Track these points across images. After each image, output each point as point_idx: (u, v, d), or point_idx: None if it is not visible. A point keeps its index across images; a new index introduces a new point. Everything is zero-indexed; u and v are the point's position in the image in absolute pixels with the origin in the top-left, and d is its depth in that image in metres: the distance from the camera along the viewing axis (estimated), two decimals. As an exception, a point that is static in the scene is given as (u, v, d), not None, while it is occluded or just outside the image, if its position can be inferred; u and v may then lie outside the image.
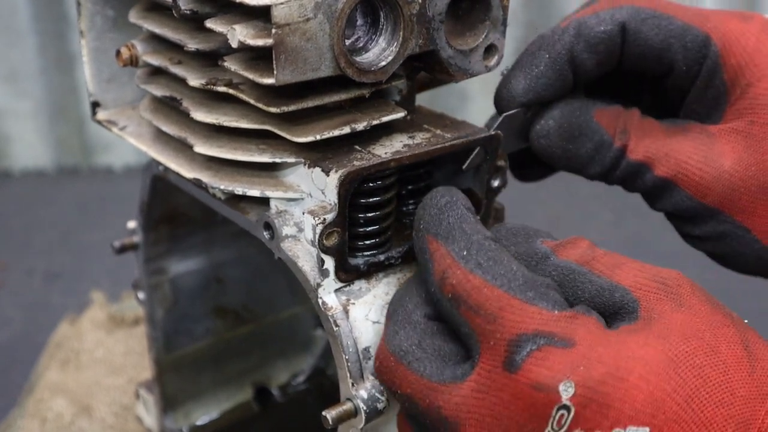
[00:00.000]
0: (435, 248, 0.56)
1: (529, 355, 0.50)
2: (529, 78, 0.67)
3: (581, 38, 0.66)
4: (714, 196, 0.67)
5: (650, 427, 0.46)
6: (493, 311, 0.52)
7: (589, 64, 0.67)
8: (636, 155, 0.68)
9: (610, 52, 0.67)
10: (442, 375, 0.54)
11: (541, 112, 0.69)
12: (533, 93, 0.67)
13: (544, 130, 0.68)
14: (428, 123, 0.68)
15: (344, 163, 0.61)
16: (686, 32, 0.66)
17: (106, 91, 0.79)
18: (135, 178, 0.84)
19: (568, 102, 0.69)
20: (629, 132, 0.69)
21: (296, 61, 0.56)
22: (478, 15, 0.64)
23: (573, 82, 0.68)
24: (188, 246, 0.90)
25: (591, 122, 0.68)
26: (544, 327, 0.50)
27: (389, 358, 0.57)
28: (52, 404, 1.05)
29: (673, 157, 0.68)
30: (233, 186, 0.64)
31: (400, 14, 0.59)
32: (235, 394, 1.00)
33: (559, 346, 0.50)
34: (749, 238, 0.67)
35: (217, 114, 0.64)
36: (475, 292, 0.53)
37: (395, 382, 0.56)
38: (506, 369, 0.51)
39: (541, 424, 0.49)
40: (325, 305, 0.62)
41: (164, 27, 0.68)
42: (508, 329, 0.51)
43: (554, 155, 0.69)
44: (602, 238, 1.69)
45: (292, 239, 0.63)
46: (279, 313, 1.02)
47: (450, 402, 0.53)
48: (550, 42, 0.67)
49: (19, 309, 1.49)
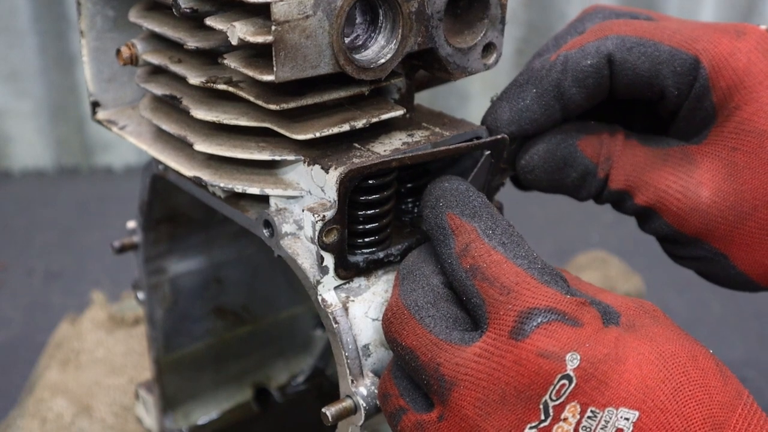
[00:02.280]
0: (458, 224, 0.58)
1: (539, 326, 0.52)
2: (514, 110, 0.68)
3: (568, 73, 0.67)
4: (692, 226, 0.68)
5: (639, 411, 0.49)
6: (508, 284, 0.54)
7: (578, 98, 0.67)
8: (617, 184, 0.70)
9: (598, 85, 0.67)
10: (450, 335, 0.55)
11: (526, 146, 0.70)
12: (516, 126, 0.68)
13: (530, 166, 0.70)
14: (427, 121, 0.68)
15: (344, 160, 0.62)
16: (674, 57, 0.66)
17: (106, 91, 0.79)
18: (135, 177, 0.84)
19: (553, 134, 0.69)
20: (612, 160, 0.70)
21: (296, 58, 0.56)
22: (477, 13, 0.64)
23: (561, 115, 0.68)
24: (188, 246, 0.90)
25: (576, 153, 0.69)
26: (557, 305, 0.53)
27: (403, 310, 0.58)
28: (52, 404, 1.05)
29: (652, 186, 0.69)
30: (233, 184, 0.64)
31: (399, 12, 0.59)
32: (234, 395, 1.01)
33: (569, 324, 0.52)
34: (726, 263, 0.70)
35: (217, 112, 0.64)
36: (494, 265, 0.55)
37: (402, 333, 0.57)
38: (512, 337, 0.52)
39: (540, 392, 0.51)
40: (325, 302, 0.62)
41: (164, 26, 0.68)
42: (520, 302, 0.53)
43: (542, 186, 0.71)
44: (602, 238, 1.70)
45: (291, 237, 0.63)
46: (278, 314, 1.02)
47: (450, 361, 0.54)
48: (538, 76, 0.68)
49: (19, 309, 1.49)
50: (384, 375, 0.60)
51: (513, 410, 0.52)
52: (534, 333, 0.52)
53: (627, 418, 0.49)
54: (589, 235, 1.73)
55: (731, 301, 1.48)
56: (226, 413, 1.00)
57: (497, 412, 0.52)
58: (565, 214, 1.78)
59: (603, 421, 0.49)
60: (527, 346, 0.52)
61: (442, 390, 0.54)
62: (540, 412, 0.51)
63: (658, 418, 0.49)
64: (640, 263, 1.39)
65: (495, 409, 0.52)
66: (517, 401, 0.51)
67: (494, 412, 0.52)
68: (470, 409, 0.53)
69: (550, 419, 0.50)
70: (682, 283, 1.51)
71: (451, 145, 0.64)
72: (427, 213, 0.61)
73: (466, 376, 0.53)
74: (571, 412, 0.50)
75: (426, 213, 0.61)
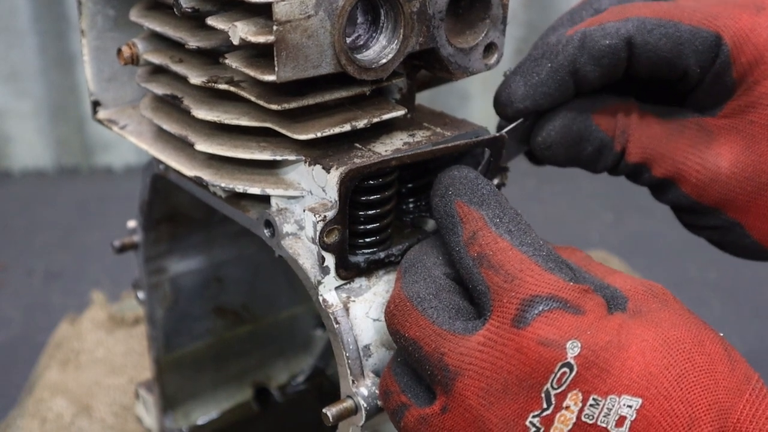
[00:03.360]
0: (466, 212, 0.58)
1: (540, 314, 0.52)
2: (528, 85, 0.67)
3: (585, 50, 0.66)
4: (710, 197, 0.69)
5: (642, 399, 0.49)
6: (512, 272, 0.54)
7: (592, 76, 0.67)
8: (634, 157, 0.70)
9: (614, 65, 0.67)
10: (453, 326, 0.55)
11: (541, 122, 0.69)
12: (531, 101, 0.67)
13: (547, 142, 0.69)
14: (428, 121, 0.68)
15: (345, 160, 0.61)
16: (695, 36, 0.66)
17: (106, 90, 0.79)
18: (135, 177, 0.84)
19: (567, 109, 0.69)
20: (628, 133, 0.70)
21: (297, 58, 0.56)
22: (478, 13, 0.64)
23: (574, 91, 0.68)
24: (188, 245, 0.90)
25: (591, 127, 0.69)
26: (559, 293, 0.53)
27: (405, 302, 0.57)
28: (52, 404, 1.05)
29: (670, 158, 0.69)
30: (234, 184, 0.64)
31: (401, 12, 0.59)
32: (234, 394, 1.00)
33: (570, 312, 0.52)
34: (741, 233, 0.70)
35: (218, 112, 0.64)
36: (500, 252, 0.55)
37: (405, 325, 0.57)
38: (514, 325, 0.52)
39: (541, 381, 0.51)
40: (326, 303, 0.62)
41: (165, 25, 0.68)
42: (523, 289, 0.53)
43: (558, 161, 0.71)
44: (602, 238, 1.70)
45: (292, 237, 0.63)
46: (279, 314, 1.02)
47: (454, 351, 0.54)
48: (554, 51, 0.67)
49: (19, 309, 1.49)
50: (384, 373, 0.60)
51: (515, 399, 0.51)
52: (535, 321, 0.52)
53: (630, 405, 0.49)
54: (589, 235, 1.73)
55: (731, 301, 1.48)
56: (226, 413, 1.00)
57: (500, 401, 0.52)
58: (565, 214, 1.78)
59: (605, 409, 0.49)
60: (528, 334, 0.52)
61: (446, 380, 0.54)
62: (542, 401, 0.51)
63: (662, 405, 0.48)
64: (640, 263, 1.40)
65: (498, 398, 0.52)
66: (519, 390, 0.51)
67: (497, 401, 0.52)
68: (474, 399, 0.53)
69: (552, 408, 0.50)
70: (682, 282, 1.51)
71: (450, 143, 0.64)
72: (436, 201, 0.61)
73: (471, 365, 0.53)
74: (572, 400, 0.50)
75: (435, 201, 0.61)
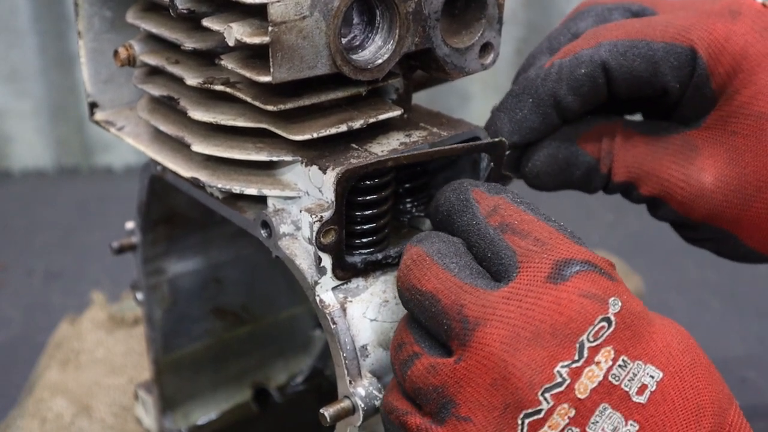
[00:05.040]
0: (481, 196, 0.58)
1: (579, 273, 0.52)
2: (513, 121, 0.69)
3: (563, 82, 0.67)
4: (698, 212, 0.69)
5: (663, 373, 0.51)
6: (542, 238, 0.54)
7: (574, 106, 0.68)
8: (620, 177, 0.71)
9: (594, 92, 0.67)
10: (475, 281, 0.54)
11: (528, 153, 0.71)
12: (518, 136, 0.69)
13: (534, 172, 0.71)
14: (424, 121, 0.68)
15: (341, 161, 0.61)
16: (669, 53, 0.66)
17: (103, 92, 0.79)
18: (135, 178, 0.84)
19: (552, 139, 0.70)
20: (613, 154, 0.71)
21: (293, 59, 0.56)
22: (474, 13, 0.64)
23: (560, 121, 0.69)
24: (186, 246, 0.90)
25: (577, 152, 0.70)
26: (593, 260, 0.53)
27: (424, 257, 0.56)
28: (52, 404, 1.05)
29: (655, 176, 0.70)
30: (231, 184, 0.64)
31: (396, 12, 0.59)
32: (233, 395, 1.01)
33: (605, 277, 0.53)
34: (736, 243, 0.71)
35: (215, 113, 0.64)
36: (526, 222, 0.56)
37: (423, 278, 0.55)
38: (550, 281, 0.52)
39: (578, 331, 0.51)
40: (323, 303, 0.62)
41: (161, 27, 0.68)
42: (557, 252, 0.53)
43: (549, 187, 0.72)
44: (602, 238, 1.69)
45: (289, 237, 0.63)
46: (277, 314, 1.02)
47: (475, 303, 0.53)
48: (533, 86, 0.68)
49: (19, 309, 1.49)
50: (399, 326, 0.58)
51: (546, 347, 0.51)
52: (575, 276, 0.52)
53: (653, 376, 0.50)
54: (589, 235, 1.73)
55: (731, 301, 1.48)
56: (226, 413, 1.00)
57: (527, 348, 0.51)
58: (565, 214, 1.78)
59: (631, 373, 0.50)
60: (568, 288, 0.52)
61: (464, 331, 0.52)
62: (575, 351, 0.50)
63: (678, 385, 0.50)
64: (640, 263, 1.39)
65: (525, 345, 0.51)
66: (552, 338, 0.51)
67: (524, 348, 0.51)
68: (497, 345, 0.51)
69: (583, 360, 0.50)
70: (682, 283, 1.51)
71: (448, 145, 0.64)
72: (448, 194, 0.59)
73: (494, 315, 0.52)
74: (604, 356, 0.50)
75: (447, 195, 0.59)
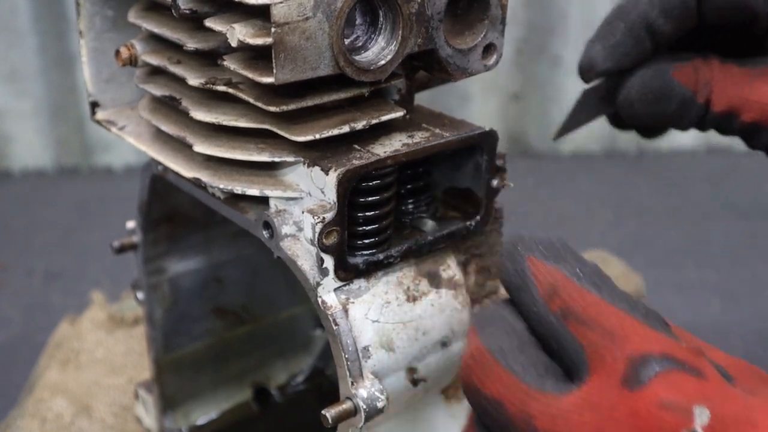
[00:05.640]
0: (539, 268, 0.52)
1: (658, 375, 0.45)
2: (607, 48, 0.69)
3: (656, 5, 0.68)
4: None
5: None
6: (612, 328, 0.47)
7: (666, 30, 0.68)
8: (720, 107, 0.71)
9: (685, 16, 0.68)
10: (543, 384, 0.48)
11: (623, 81, 0.71)
12: (611, 62, 0.69)
13: (628, 101, 0.71)
14: (427, 122, 0.68)
15: (343, 161, 0.61)
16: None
17: (105, 91, 0.79)
18: (135, 177, 0.84)
19: (647, 67, 0.71)
20: (711, 84, 0.71)
21: (295, 60, 0.56)
22: (477, 14, 0.64)
23: (652, 47, 0.69)
24: (187, 246, 0.90)
25: (671, 83, 0.70)
26: (673, 352, 0.46)
27: (485, 355, 0.50)
28: (52, 404, 1.05)
29: (757, 102, 0.70)
30: (232, 185, 0.64)
31: (399, 13, 0.59)
32: (234, 395, 1.00)
33: (691, 374, 0.45)
34: None
35: (217, 113, 0.64)
36: (591, 307, 0.48)
37: (485, 382, 0.50)
38: (625, 386, 0.45)
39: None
40: (325, 304, 0.62)
41: (163, 26, 0.68)
42: (630, 347, 0.46)
43: (642, 120, 0.72)
44: (602, 238, 1.70)
45: (291, 238, 0.63)
46: (278, 314, 1.02)
47: (545, 413, 0.47)
48: (626, 11, 0.69)
49: (19, 309, 1.49)
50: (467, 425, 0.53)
51: None
52: (653, 381, 0.45)
53: None
54: (589, 235, 1.73)
55: (731, 301, 1.48)
56: (226, 413, 1.00)
57: None
58: (565, 214, 1.78)
59: None
60: (646, 396, 0.44)
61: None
62: None
63: None
64: (640, 263, 1.39)
65: None
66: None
67: None
68: None
69: None
70: (682, 283, 1.51)
71: (443, 139, 0.64)
72: (504, 262, 0.53)
73: (567, 429, 0.46)
74: None
75: (503, 262, 0.54)
